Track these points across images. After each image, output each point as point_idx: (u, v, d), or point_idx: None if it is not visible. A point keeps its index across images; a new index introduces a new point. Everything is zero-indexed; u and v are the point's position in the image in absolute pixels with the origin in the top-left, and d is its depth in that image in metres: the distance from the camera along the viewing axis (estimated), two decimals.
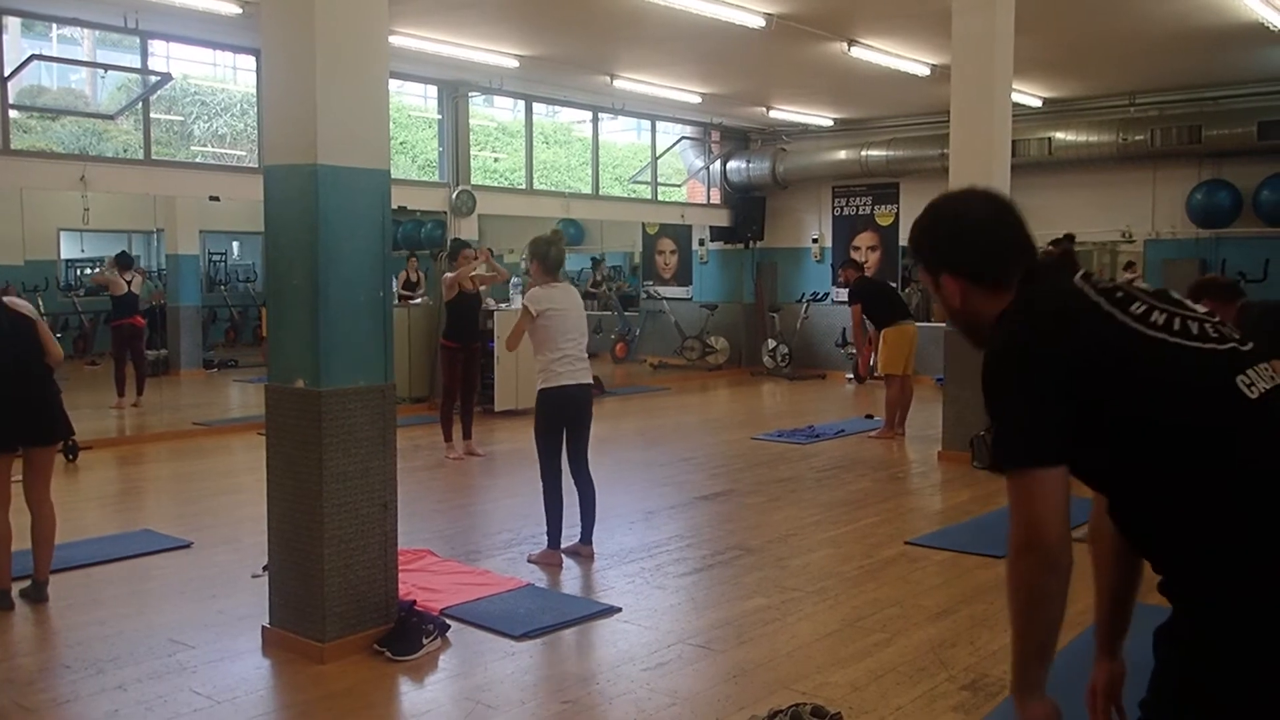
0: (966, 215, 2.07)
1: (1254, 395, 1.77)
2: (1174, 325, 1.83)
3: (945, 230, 2.07)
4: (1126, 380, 1.77)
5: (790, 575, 5.88)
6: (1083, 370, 1.79)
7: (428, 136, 18.54)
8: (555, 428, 6.15)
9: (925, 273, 2.13)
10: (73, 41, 19.60)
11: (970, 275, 2.02)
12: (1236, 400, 1.76)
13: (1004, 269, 2.00)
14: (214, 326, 19.09)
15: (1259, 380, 1.80)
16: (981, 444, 8.88)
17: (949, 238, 2.06)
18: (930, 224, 2.09)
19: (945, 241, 2.06)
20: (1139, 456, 1.77)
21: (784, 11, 9.55)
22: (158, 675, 4.41)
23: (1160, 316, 1.84)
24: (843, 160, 15.63)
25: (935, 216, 2.09)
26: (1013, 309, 1.95)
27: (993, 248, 2.02)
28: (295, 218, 4.60)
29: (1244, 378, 1.79)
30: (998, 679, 4.32)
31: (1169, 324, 1.83)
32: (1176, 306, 1.88)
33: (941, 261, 2.07)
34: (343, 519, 4.61)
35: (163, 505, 8.07)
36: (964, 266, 2.03)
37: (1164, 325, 1.82)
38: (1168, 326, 1.82)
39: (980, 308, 2.03)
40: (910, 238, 2.16)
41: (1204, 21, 9.35)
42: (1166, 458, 1.75)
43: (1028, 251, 2.01)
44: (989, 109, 9.10)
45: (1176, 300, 1.91)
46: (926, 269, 2.12)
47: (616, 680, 4.40)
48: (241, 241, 21.00)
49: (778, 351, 16.48)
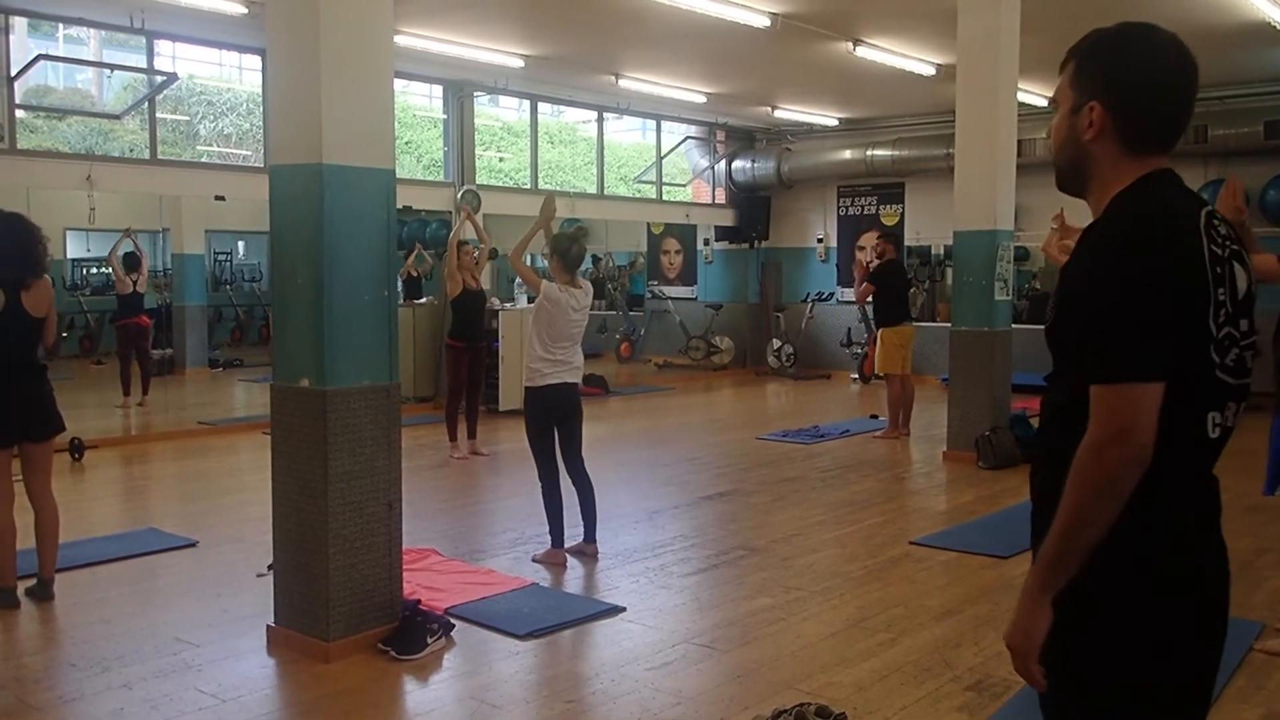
0: (1163, 61, 1.85)
1: (1213, 435, 1.83)
2: (1228, 359, 1.82)
3: (1133, 63, 1.86)
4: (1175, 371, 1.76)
5: (795, 575, 5.88)
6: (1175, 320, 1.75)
7: (433, 136, 18.55)
8: (544, 427, 6.15)
9: (1070, 86, 1.92)
10: (79, 41, 19.63)
11: (1127, 121, 1.85)
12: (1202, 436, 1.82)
13: (1163, 139, 1.87)
14: (219, 326, 19.13)
15: (1226, 420, 1.84)
16: (987, 444, 8.88)
17: (1132, 71, 1.85)
18: (1117, 47, 1.88)
19: (1126, 72, 1.86)
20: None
21: (789, 11, 9.54)
22: (163, 674, 4.42)
23: (1229, 350, 1.81)
24: (848, 160, 15.63)
25: (1125, 43, 1.88)
26: (1148, 207, 1.81)
27: (1170, 111, 1.87)
28: (301, 217, 4.61)
29: (1216, 415, 1.82)
30: (1002, 679, 4.32)
31: (1224, 352, 1.81)
32: (1242, 331, 1.84)
33: (1107, 90, 1.86)
34: (347, 518, 4.61)
35: (168, 504, 8.09)
36: (1129, 108, 1.85)
37: (1222, 352, 1.80)
38: (1222, 355, 1.81)
39: (1102, 158, 1.89)
40: (1082, 45, 1.92)
41: (1211, 21, 9.34)
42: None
43: (1178, 136, 1.89)
44: (995, 109, 9.09)
45: (1245, 310, 1.85)
46: (1077, 84, 1.91)
47: (620, 680, 4.40)
48: (247, 241, 21.04)
49: (782, 351, 16.47)
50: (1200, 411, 1.79)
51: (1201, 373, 1.78)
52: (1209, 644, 1.87)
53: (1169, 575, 1.81)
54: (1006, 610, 5.14)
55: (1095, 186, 1.93)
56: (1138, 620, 1.80)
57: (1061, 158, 1.96)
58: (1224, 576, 1.90)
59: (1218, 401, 1.82)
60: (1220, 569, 1.89)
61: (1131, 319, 1.72)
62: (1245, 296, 1.85)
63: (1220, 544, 1.91)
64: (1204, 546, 1.87)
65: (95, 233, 12.75)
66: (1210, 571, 1.87)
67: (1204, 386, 1.79)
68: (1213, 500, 1.90)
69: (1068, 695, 1.89)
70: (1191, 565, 1.83)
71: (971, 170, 9.27)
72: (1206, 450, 1.85)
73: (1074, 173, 1.95)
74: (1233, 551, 1.92)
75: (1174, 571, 1.81)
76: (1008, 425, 9.07)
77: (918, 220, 15.51)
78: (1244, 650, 4.57)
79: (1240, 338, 1.84)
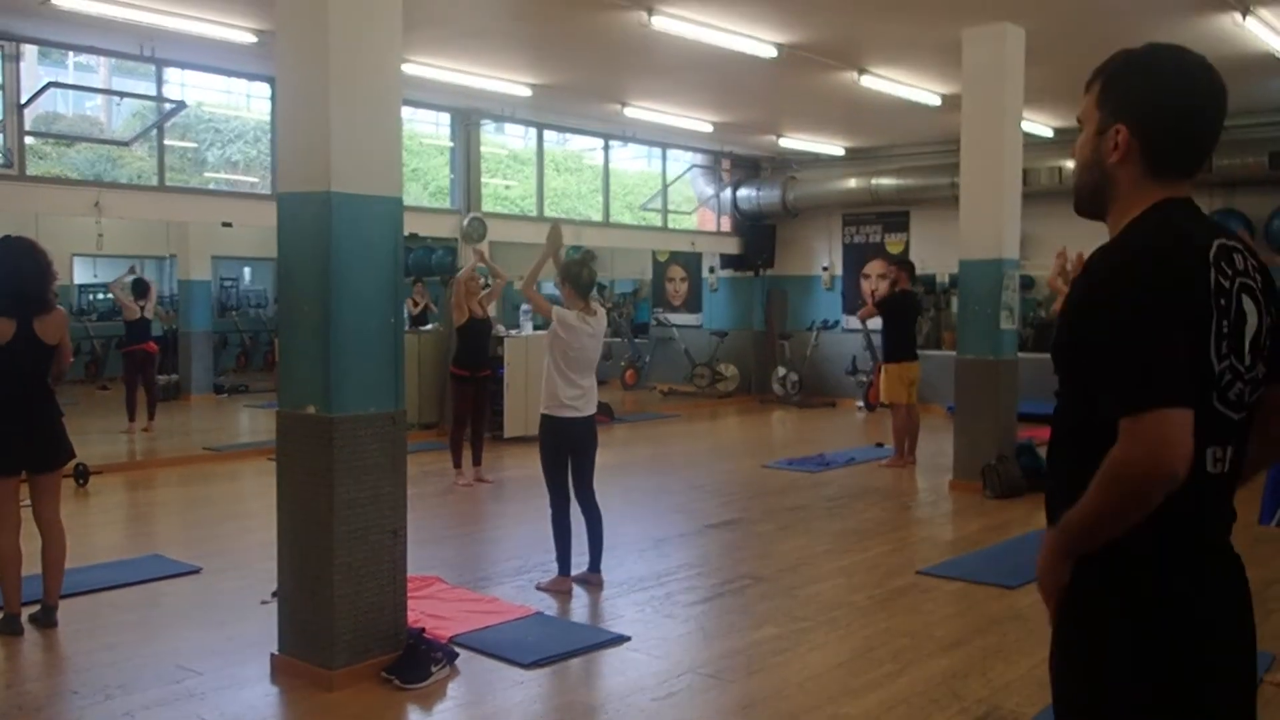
0: (1194, 88, 1.82)
1: (1213, 470, 1.81)
2: (1230, 396, 1.80)
3: (1162, 85, 1.83)
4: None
5: (801, 605, 5.85)
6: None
7: (439, 164, 18.67)
8: (559, 457, 6.14)
9: (1097, 107, 1.88)
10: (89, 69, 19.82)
11: (1153, 144, 1.83)
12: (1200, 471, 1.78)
13: (1187, 164, 1.85)
14: (225, 352, 19.17)
15: (1228, 455, 1.82)
16: (993, 473, 8.85)
17: (1161, 94, 1.82)
18: (1147, 68, 1.85)
19: (1155, 94, 1.82)
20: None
21: (795, 41, 9.60)
22: (166, 702, 4.39)
23: (1232, 384, 1.79)
24: (853, 189, 15.66)
25: (1155, 63, 1.85)
26: (1157, 237, 1.78)
27: (1198, 136, 1.84)
28: (308, 244, 4.62)
29: (1217, 450, 1.80)
30: (1011, 711, 4.28)
31: (1227, 387, 1.79)
32: (1246, 365, 1.82)
33: (1135, 112, 1.84)
34: (352, 546, 4.60)
35: (172, 530, 8.07)
36: (1157, 132, 1.82)
37: (1223, 386, 1.79)
38: (1224, 393, 1.79)
39: (1123, 181, 1.86)
40: (1110, 65, 1.89)
41: (1214, 51, 9.29)
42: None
43: (1202, 162, 1.87)
44: (1000, 138, 9.12)
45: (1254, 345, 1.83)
46: (1104, 105, 1.87)
47: (625, 710, 4.37)
48: (253, 267, 21.14)
49: (788, 379, 16.46)
50: (1200, 445, 1.74)
51: (1200, 405, 1.73)
52: (1212, 681, 1.82)
53: (1159, 608, 1.79)
54: (1014, 641, 5.13)
55: (1114, 210, 1.91)
56: (1126, 651, 1.79)
57: (1083, 179, 1.93)
58: (1229, 612, 1.86)
59: (1217, 436, 1.79)
60: (1225, 605, 1.85)
61: (1145, 347, 1.69)
62: (1256, 332, 1.82)
63: (1231, 581, 1.88)
64: (1201, 581, 1.82)
65: (103, 258, 12.81)
66: (1207, 607, 1.82)
67: (1203, 419, 1.73)
68: (1218, 534, 1.87)
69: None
70: (1182, 598, 1.79)
71: (977, 199, 9.29)
72: (1208, 485, 1.81)
73: (1094, 195, 1.93)
74: None
75: (1163, 604, 1.79)
76: (1014, 454, 9.04)
77: (923, 249, 15.53)
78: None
79: (1244, 371, 1.81)
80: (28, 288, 5.25)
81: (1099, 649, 1.83)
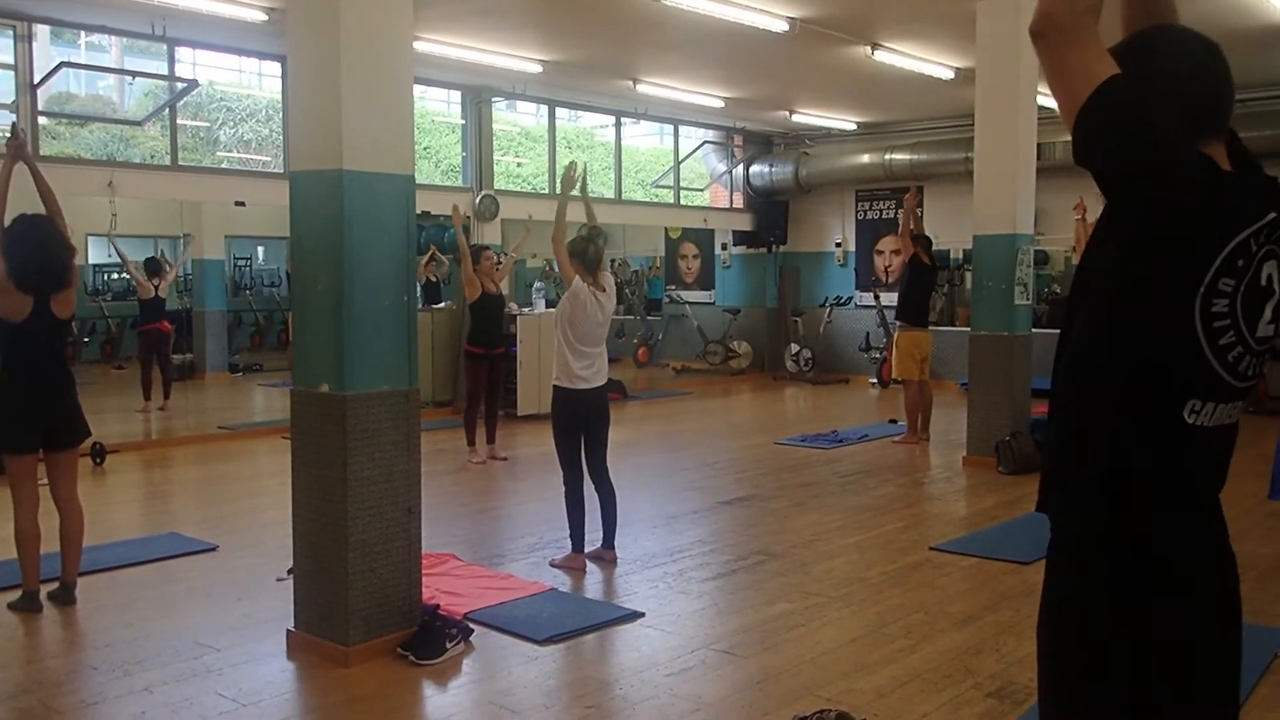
0: (1184, 48, 1.91)
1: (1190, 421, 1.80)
2: (1229, 358, 1.77)
3: (1158, 52, 1.90)
4: (1182, 312, 1.73)
5: (814, 580, 5.86)
6: (1187, 216, 1.71)
7: (451, 141, 18.64)
8: (572, 430, 6.15)
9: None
10: (101, 49, 19.81)
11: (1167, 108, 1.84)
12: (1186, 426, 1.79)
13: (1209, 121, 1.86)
14: (239, 331, 19.24)
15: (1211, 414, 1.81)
16: (1007, 449, 8.83)
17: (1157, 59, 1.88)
18: (1144, 44, 1.93)
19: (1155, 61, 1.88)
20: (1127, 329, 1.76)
21: (807, 15, 9.54)
22: (184, 678, 4.44)
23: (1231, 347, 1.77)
24: (866, 164, 15.58)
25: (1147, 39, 1.94)
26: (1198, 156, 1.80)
27: (1207, 88, 1.88)
28: (320, 223, 4.63)
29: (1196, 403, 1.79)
30: (1024, 686, 4.29)
31: (1223, 348, 1.77)
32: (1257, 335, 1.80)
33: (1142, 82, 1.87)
34: (367, 523, 4.63)
35: (189, 508, 8.13)
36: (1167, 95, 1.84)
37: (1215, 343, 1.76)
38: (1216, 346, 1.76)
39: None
40: (1115, 48, 1.90)
41: (1231, 23, 9.27)
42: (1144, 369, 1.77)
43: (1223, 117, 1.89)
44: (1014, 112, 9.05)
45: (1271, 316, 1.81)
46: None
47: (640, 686, 4.40)
48: (266, 246, 21.18)
49: (801, 356, 16.45)
50: (1179, 394, 1.74)
51: (1181, 351, 1.73)
52: (1199, 636, 1.81)
53: (1138, 563, 1.79)
54: (1027, 617, 5.13)
55: None
56: (1107, 607, 1.80)
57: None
58: (1209, 565, 1.85)
59: (1202, 391, 1.77)
60: (1205, 557, 1.84)
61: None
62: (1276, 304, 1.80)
63: (1214, 535, 1.86)
64: (1183, 533, 1.81)
65: (117, 238, 12.85)
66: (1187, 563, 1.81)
67: (1187, 368, 1.74)
68: (1202, 488, 1.85)
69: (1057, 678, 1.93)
70: (1164, 554, 1.79)
71: (991, 174, 9.24)
72: (1187, 435, 1.79)
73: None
74: (1254, 558, 1.92)
75: (1145, 559, 1.79)
76: (1028, 430, 9.02)
77: (936, 224, 15.40)
78: (1267, 659, 4.53)
79: (1254, 344, 1.79)
80: (55, 265, 5.26)
81: (1080, 601, 1.84)
